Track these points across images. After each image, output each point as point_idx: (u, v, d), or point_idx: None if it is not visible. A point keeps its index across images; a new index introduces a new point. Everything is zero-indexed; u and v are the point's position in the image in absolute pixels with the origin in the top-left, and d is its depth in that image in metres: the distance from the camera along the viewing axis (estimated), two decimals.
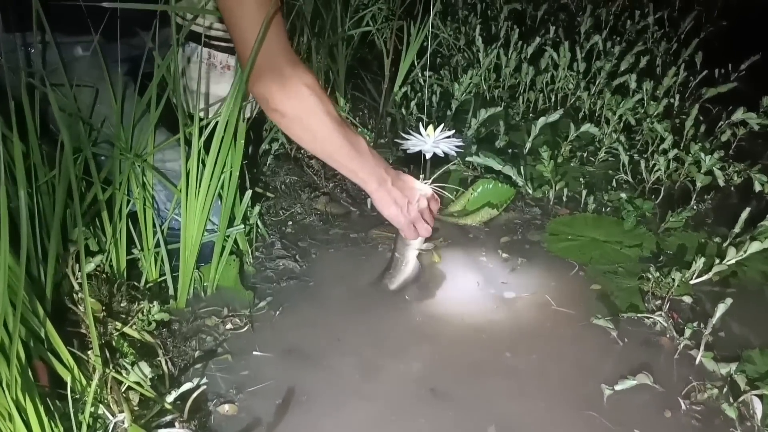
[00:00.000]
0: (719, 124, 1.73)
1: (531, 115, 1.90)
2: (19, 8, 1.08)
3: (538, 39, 2.02)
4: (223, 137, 1.14)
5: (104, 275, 1.16)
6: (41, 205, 1.06)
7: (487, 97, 1.99)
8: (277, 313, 1.22)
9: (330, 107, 1.08)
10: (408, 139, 1.45)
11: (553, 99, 1.92)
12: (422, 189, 1.18)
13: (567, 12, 2.59)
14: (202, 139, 1.13)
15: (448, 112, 1.80)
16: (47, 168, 1.08)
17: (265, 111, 1.08)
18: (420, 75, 1.93)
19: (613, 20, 2.47)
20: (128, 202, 1.17)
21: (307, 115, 1.06)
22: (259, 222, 1.38)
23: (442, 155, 1.43)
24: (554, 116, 1.65)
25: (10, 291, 0.78)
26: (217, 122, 1.13)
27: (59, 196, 1.05)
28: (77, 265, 1.08)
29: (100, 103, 1.26)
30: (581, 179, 1.56)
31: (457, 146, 1.44)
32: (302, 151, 1.73)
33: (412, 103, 1.84)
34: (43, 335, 0.91)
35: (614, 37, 2.22)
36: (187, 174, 1.15)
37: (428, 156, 1.44)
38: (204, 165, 1.14)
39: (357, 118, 1.93)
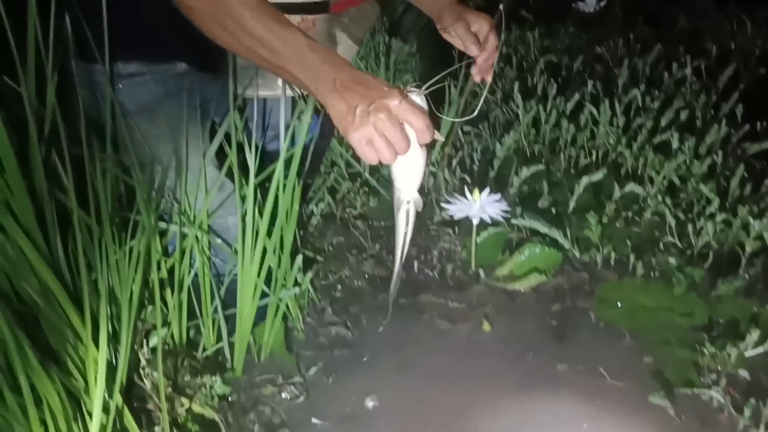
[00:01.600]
0: (765, 181, 1.72)
1: (572, 171, 1.92)
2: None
3: (576, 95, 2.03)
4: (277, 196, 1.17)
5: (166, 346, 1.19)
6: (110, 282, 1.09)
7: (527, 153, 2.01)
8: (331, 379, 1.24)
9: None
10: (453, 204, 1.48)
11: (594, 155, 1.93)
12: (388, 92, 0.83)
13: (602, 62, 2.61)
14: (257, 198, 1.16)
15: (490, 170, 1.82)
16: (117, 245, 1.12)
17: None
18: (461, 133, 1.96)
19: (649, 70, 2.49)
20: (189, 270, 1.21)
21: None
22: (309, 286, 1.41)
23: (489, 221, 1.45)
24: (597, 176, 1.67)
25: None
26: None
27: (130, 274, 1.08)
28: (144, 339, 1.11)
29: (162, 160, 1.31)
30: (628, 241, 1.56)
31: (503, 210, 1.46)
32: (348, 211, 1.76)
33: (454, 162, 1.86)
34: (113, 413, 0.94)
35: (651, 89, 2.23)
36: (243, 239, 1.18)
37: (475, 222, 1.47)
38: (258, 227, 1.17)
39: None
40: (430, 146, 0.91)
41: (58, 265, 1.03)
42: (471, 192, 1.46)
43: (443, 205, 1.50)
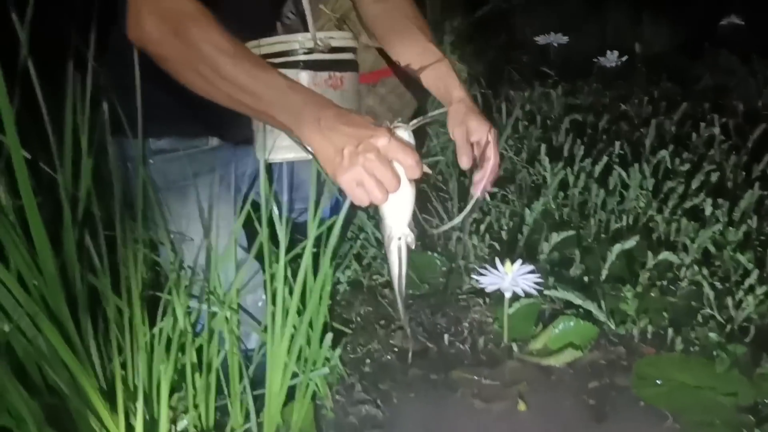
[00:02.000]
0: None
1: (603, 235, 1.89)
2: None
3: (605, 157, 2.02)
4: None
5: (194, 429, 1.17)
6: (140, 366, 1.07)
7: (556, 216, 1.98)
8: None
9: (219, 28, 0.88)
10: (485, 275, 1.45)
11: (624, 219, 1.90)
12: (375, 130, 0.82)
13: (628, 121, 2.60)
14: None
15: (519, 236, 1.79)
16: (146, 327, 1.11)
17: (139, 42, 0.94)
18: (488, 197, 1.95)
19: (675, 128, 2.47)
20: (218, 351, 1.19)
21: (185, 35, 0.88)
22: (338, 362, 1.38)
23: (523, 294, 1.42)
24: (630, 243, 1.64)
25: None
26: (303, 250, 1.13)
27: (159, 357, 1.07)
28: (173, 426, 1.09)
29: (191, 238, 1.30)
30: (664, 313, 1.52)
31: (536, 282, 1.43)
32: (375, 279, 1.74)
33: (482, 227, 1.84)
34: None
35: (679, 149, 2.21)
36: (273, 318, 1.16)
37: (507, 295, 1.44)
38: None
39: (426, 239, 1.94)
40: (419, 183, 0.89)
41: (88, 352, 1.02)
42: (503, 263, 1.43)
43: (474, 277, 1.47)
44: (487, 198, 1.96)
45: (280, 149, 1.10)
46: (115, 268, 1.09)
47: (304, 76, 1.04)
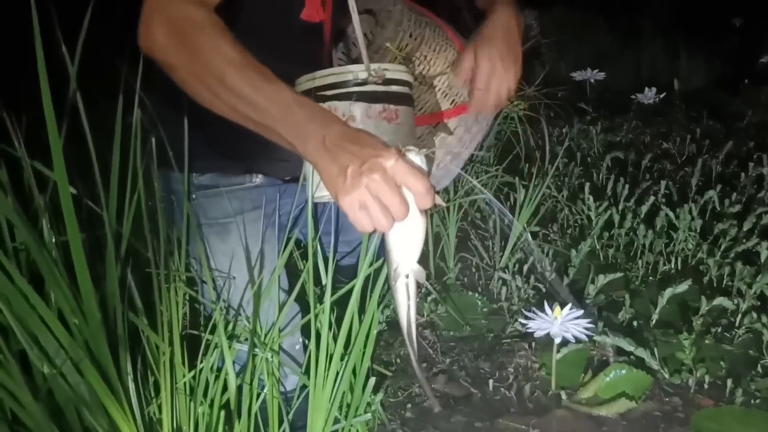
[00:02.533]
0: None
1: (651, 278, 1.82)
2: None
3: (651, 197, 1.96)
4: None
5: None
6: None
7: (601, 257, 1.92)
8: None
9: (229, 38, 0.85)
10: (533, 320, 1.39)
11: (673, 261, 1.84)
12: (383, 150, 0.75)
13: (671, 158, 2.54)
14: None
15: (565, 279, 1.74)
16: (185, 366, 1.07)
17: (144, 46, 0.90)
18: (530, 237, 1.90)
19: (721, 167, 2.40)
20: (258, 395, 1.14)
21: (193, 44, 0.84)
22: (379, 406, 1.33)
23: (573, 340, 1.36)
24: (682, 287, 1.57)
25: None
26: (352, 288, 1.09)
27: (198, 397, 1.03)
28: None
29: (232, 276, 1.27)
30: (721, 362, 1.44)
31: (586, 327, 1.37)
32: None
33: (525, 267, 1.79)
34: None
35: (726, 189, 2.14)
36: (315, 364, 1.12)
37: (557, 341, 1.38)
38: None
39: (465, 278, 1.89)
40: (428, 213, 0.83)
41: (127, 394, 0.98)
42: (550, 306, 1.38)
43: (522, 321, 1.41)
44: (529, 238, 1.91)
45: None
46: (153, 304, 1.06)
47: (357, 108, 0.99)
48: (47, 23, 0.85)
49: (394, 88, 1.01)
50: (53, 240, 0.98)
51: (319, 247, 1.17)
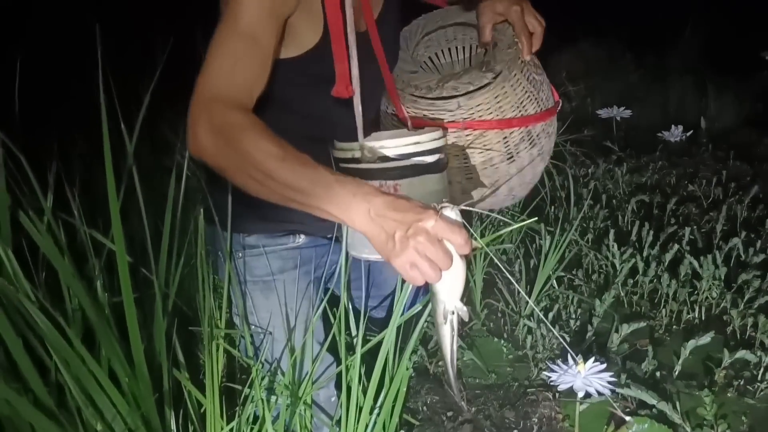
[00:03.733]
0: None
1: (675, 326, 1.85)
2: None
3: (675, 246, 1.99)
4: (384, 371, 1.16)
5: None
6: None
7: (625, 303, 1.96)
8: None
9: (269, 134, 0.93)
10: (556, 372, 1.43)
11: (697, 310, 1.86)
12: (423, 213, 0.84)
13: (696, 202, 2.56)
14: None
15: (589, 328, 1.77)
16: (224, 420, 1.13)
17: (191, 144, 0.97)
18: (555, 284, 1.94)
19: (746, 212, 2.42)
20: None
21: (237, 145, 0.92)
22: None
23: (596, 394, 1.39)
24: (704, 339, 1.60)
25: None
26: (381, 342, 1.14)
27: None
28: None
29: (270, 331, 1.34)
30: (743, 417, 1.47)
31: (609, 381, 1.41)
32: (440, 364, 1.73)
33: (551, 314, 1.83)
34: None
35: (752, 236, 2.16)
36: (346, 416, 1.17)
37: (580, 395, 1.42)
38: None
39: (491, 323, 1.94)
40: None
41: None
42: (573, 357, 1.41)
43: (546, 374, 1.45)
44: (554, 284, 1.95)
45: (366, 248, 1.10)
46: (192, 355, 1.13)
47: None
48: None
49: (393, 164, 1.05)
50: (106, 300, 1.05)
51: (349, 302, 1.23)
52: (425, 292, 1.59)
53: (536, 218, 1.20)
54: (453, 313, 0.91)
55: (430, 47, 1.39)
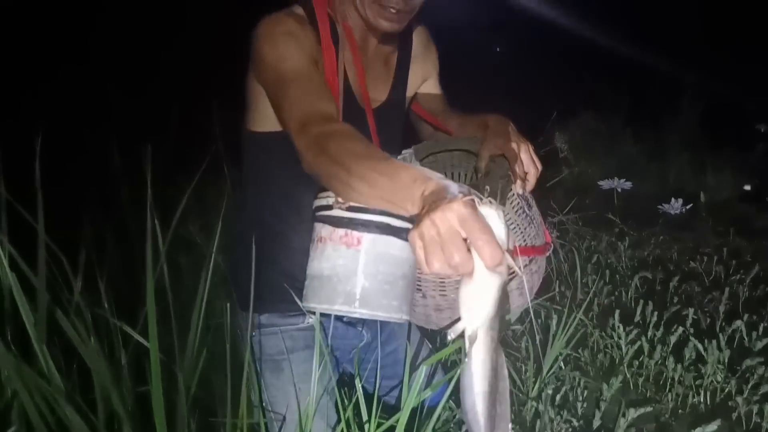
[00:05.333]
0: None
1: (681, 411, 1.86)
2: None
3: (679, 328, 2.02)
4: None
5: None
6: None
7: (631, 385, 1.97)
8: None
9: (353, 134, 1.01)
10: None
11: (702, 395, 1.88)
12: (460, 197, 0.79)
13: (698, 281, 2.60)
14: None
15: (596, 412, 1.79)
16: None
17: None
18: (562, 364, 1.96)
19: (748, 291, 2.46)
20: None
21: (329, 152, 0.98)
22: None
23: None
24: (711, 427, 1.61)
25: None
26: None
27: None
28: None
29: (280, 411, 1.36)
30: None
31: None
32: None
33: (558, 396, 1.84)
34: None
35: (755, 318, 2.19)
36: None
37: None
38: None
39: None
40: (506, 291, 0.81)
41: None
42: None
43: None
44: (561, 364, 1.97)
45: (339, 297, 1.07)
46: None
47: (324, 230, 1.08)
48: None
49: (362, 216, 1.05)
50: (130, 391, 1.08)
51: (360, 387, 1.26)
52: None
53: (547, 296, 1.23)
54: (477, 340, 0.81)
55: (434, 166, 1.41)
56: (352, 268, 1.03)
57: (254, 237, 1.30)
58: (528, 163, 1.22)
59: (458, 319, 0.86)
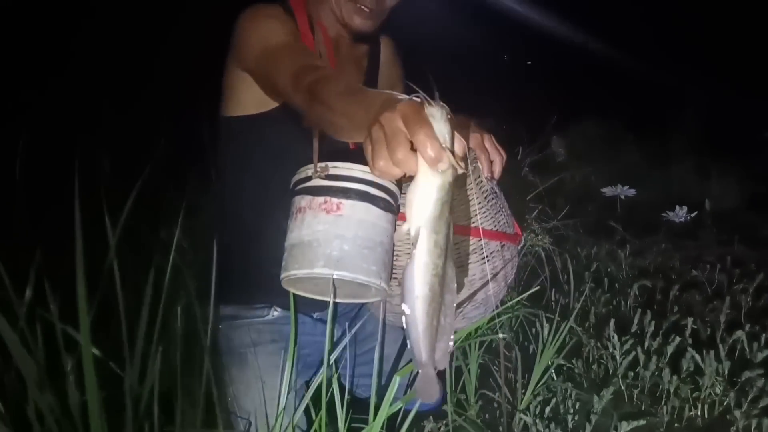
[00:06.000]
0: None
1: (676, 425, 1.78)
2: None
3: (677, 338, 1.94)
4: None
5: None
6: None
7: (626, 397, 1.89)
8: None
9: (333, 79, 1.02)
10: None
11: (699, 408, 1.80)
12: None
13: (700, 290, 2.51)
14: None
15: (587, 425, 1.70)
16: None
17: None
18: (554, 374, 1.88)
19: (751, 301, 2.37)
20: None
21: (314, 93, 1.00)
22: None
23: None
24: None
25: None
26: None
27: None
28: None
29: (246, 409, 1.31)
30: None
31: None
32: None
33: (547, 408, 1.77)
34: None
35: (756, 329, 2.10)
36: None
37: None
38: None
39: (487, 415, 1.87)
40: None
41: None
42: None
43: None
44: (553, 374, 1.89)
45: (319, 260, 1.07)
46: None
47: (303, 200, 1.10)
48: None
49: (341, 183, 1.08)
50: (77, 399, 1.02)
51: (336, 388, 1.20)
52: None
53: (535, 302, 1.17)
54: (419, 240, 0.79)
55: None
56: (333, 232, 1.06)
57: (226, 228, 1.35)
58: (492, 151, 1.22)
59: None
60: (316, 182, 1.10)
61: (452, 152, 0.76)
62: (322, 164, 1.10)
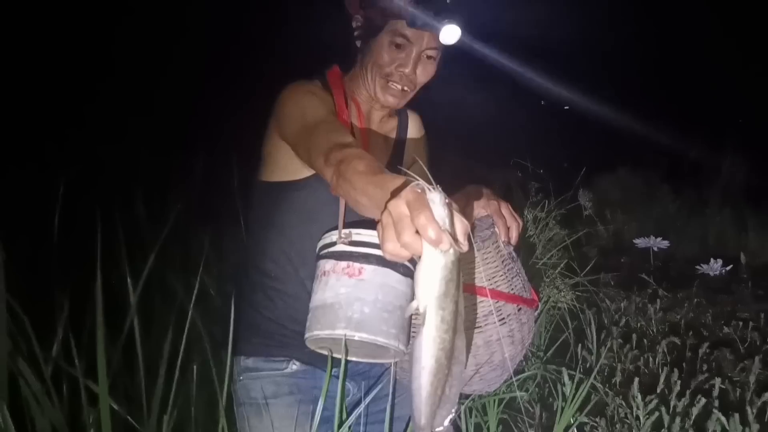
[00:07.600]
0: None
1: None
2: None
3: (704, 400, 1.90)
4: None
5: None
6: None
7: None
8: None
9: (361, 159, 1.05)
10: None
11: None
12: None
13: (731, 347, 2.46)
14: None
15: None
16: None
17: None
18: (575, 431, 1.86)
19: None
20: None
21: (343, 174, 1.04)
22: None
23: None
24: None
25: None
26: None
27: None
28: None
29: None
30: None
31: None
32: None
33: None
34: None
35: None
36: None
37: None
38: None
39: None
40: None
41: None
42: None
43: None
44: None
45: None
46: None
47: (328, 264, 1.15)
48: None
49: (363, 249, 1.13)
50: None
51: None
52: None
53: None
54: (427, 317, 0.85)
55: None
56: (354, 295, 1.11)
57: (251, 282, 1.42)
58: (509, 218, 1.28)
59: None
60: (340, 247, 1.16)
61: (453, 234, 0.83)
62: (347, 231, 1.17)
